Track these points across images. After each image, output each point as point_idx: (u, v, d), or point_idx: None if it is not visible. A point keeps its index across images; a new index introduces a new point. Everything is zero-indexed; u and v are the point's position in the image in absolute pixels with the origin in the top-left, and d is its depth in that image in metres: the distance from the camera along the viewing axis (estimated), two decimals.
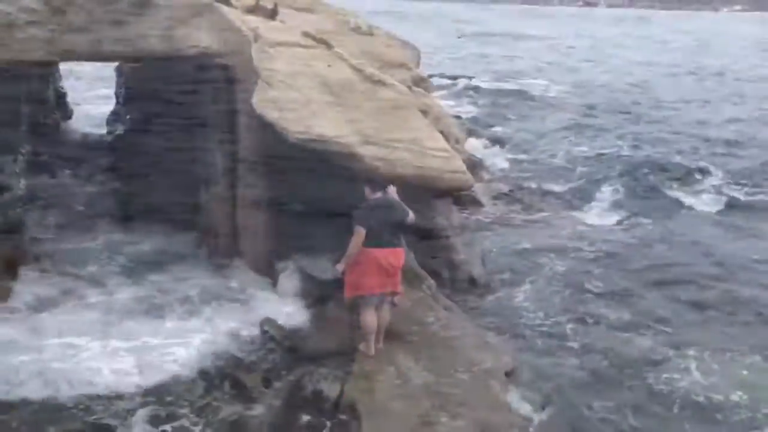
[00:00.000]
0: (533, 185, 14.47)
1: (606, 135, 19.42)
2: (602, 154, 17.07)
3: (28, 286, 7.96)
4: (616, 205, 13.36)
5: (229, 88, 8.52)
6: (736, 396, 7.01)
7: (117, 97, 14.26)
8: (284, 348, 7.18)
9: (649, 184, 14.32)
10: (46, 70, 11.80)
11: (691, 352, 7.80)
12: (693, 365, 7.55)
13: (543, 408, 6.57)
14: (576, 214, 12.96)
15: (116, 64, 13.17)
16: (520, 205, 13.14)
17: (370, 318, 6.74)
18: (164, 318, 7.58)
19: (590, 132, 19.77)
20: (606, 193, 13.93)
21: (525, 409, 6.49)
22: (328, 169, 7.75)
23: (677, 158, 16.51)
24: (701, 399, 6.97)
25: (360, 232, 6.52)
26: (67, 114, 14.04)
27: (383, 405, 6.11)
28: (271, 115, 7.35)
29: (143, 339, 7.12)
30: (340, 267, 6.72)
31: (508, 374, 6.96)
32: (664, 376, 7.33)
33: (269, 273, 8.41)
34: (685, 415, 6.74)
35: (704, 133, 20.38)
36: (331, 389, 6.41)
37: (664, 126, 21.11)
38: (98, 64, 13.54)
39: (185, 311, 7.71)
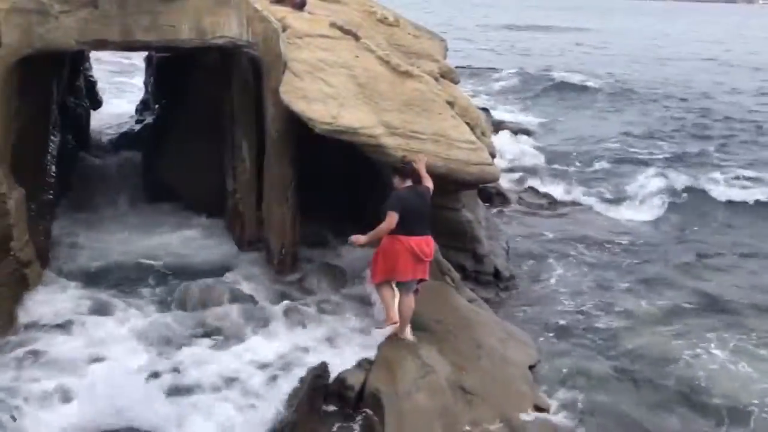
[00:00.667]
0: (561, 178, 14.34)
1: (640, 128, 19.19)
2: (636, 148, 16.88)
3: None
4: (649, 199, 13.17)
5: (257, 78, 8.56)
6: (765, 393, 6.92)
7: (146, 86, 14.44)
8: (308, 337, 7.23)
9: (685, 177, 14.08)
10: (78, 59, 11.98)
11: (722, 348, 7.73)
12: (721, 360, 7.48)
13: (566, 401, 6.55)
14: (606, 207, 12.83)
15: (146, 53, 13.37)
16: (546, 198, 13.03)
17: (387, 291, 6.78)
18: (186, 309, 7.62)
19: (623, 125, 19.55)
20: (639, 186, 13.74)
21: (548, 402, 6.48)
22: (353, 161, 7.76)
23: (714, 152, 16.31)
24: (727, 396, 6.89)
25: (392, 216, 6.52)
26: (97, 102, 14.23)
27: (406, 396, 6.11)
28: (298, 105, 7.36)
29: (164, 333, 7.18)
30: (361, 239, 6.68)
31: (532, 367, 6.94)
32: (692, 372, 7.26)
33: (294, 264, 8.46)
34: (712, 411, 6.68)
35: (740, 124, 20.09)
36: (354, 378, 6.43)
37: (700, 119, 20.82)
38: None
39: (208, 302, 7.70)
